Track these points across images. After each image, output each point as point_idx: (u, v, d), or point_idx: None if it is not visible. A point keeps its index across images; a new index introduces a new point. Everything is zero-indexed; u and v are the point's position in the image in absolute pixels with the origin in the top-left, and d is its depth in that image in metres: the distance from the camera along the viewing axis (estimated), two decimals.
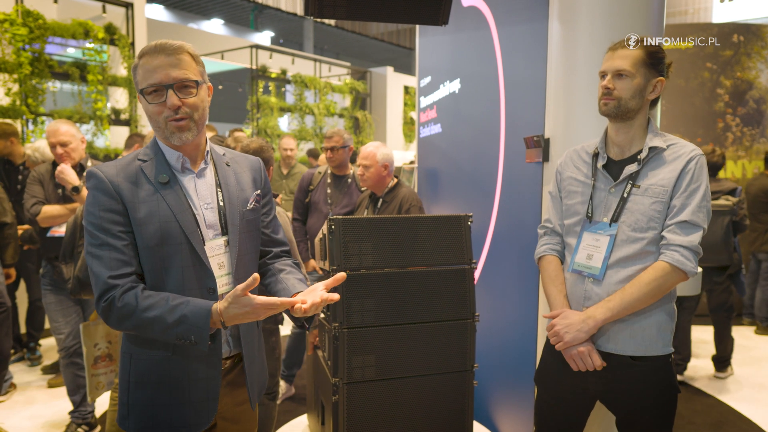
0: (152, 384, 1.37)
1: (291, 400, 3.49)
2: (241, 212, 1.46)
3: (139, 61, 1.33)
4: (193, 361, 1.37)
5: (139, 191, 1.33)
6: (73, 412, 2.96)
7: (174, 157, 1.39)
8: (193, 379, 1.37)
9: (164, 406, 1.37)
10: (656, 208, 1.54)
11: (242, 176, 1.51)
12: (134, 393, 1.39)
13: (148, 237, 1.32)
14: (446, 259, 2.17)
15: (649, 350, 1.56)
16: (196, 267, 1.35)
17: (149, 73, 1.31)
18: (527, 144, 2.30)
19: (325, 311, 2.18)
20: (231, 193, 1.45)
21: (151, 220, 1.32)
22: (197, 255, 1.34)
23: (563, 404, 1.70)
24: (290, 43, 19.00)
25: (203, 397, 1.38)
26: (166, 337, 1.29)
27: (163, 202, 1.33)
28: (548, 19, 2.15)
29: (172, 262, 1.33)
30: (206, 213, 1.40)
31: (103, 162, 1.42)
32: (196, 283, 1.35)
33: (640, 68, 1.55)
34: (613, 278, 1.57)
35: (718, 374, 3.90)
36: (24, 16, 5.35)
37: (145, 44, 5.82)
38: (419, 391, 2.15)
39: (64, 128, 2.88)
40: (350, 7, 2.14)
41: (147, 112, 1.35)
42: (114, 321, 1.30)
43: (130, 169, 1.35)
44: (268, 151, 2.33)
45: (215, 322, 1.28)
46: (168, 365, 1.36)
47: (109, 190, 1.32)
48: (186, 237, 1.33)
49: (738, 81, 5.33)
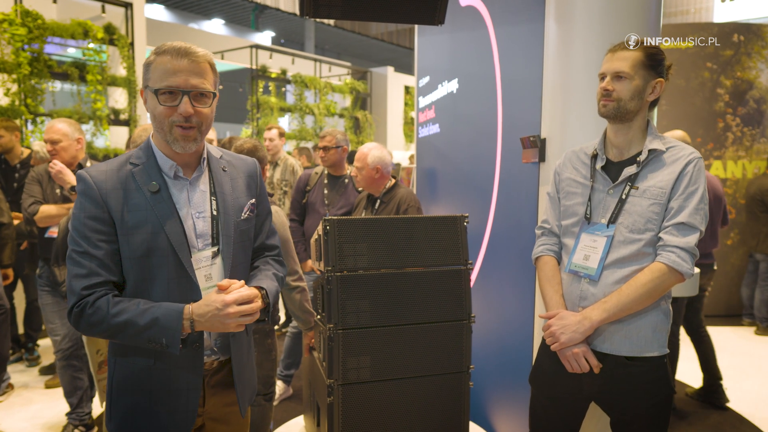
0: (133, 391, 1.36)
1: (289, 401, 3.48)
2: (236, 222, 1.42)
3: (157, 58, 1.29)
4: (174, 369, 1.35)
5: (128, 199, 1.30)
6: (70, 414, 2.95)
7: (167, 164, 1.35)
8: (174, 389, 1.36)
9: (144, 414, 1.36)
10: (654, 210, 1.53)
11: (238, 182, 1.47)
12: (116, 398, 1.38)
13: (134, 247, 1.29)
14: (442, 260, 2.16)
15: (644, 351, 1.55)
16: (181, 280, 1.32)
17: (169, 74, 1.27)
18: (524, 144, 2.29)
19: (320, 312, 2.17)
20: (226, 202, 1.42)
21: (138, 230, 1.29)
22: (183, 268, 1.32)
23: (558, 405, 1.69)
24: (291, 43, 19.01)
25: (183, 407, 1.37)
26: (137, 342, 1.27)
27: (152, 212, 1.30)
28: (545, 19, 2.14)
29: (158, 273, 1.31)
30: (197, 222, 1.37)
31: (101, 162, 1.39)
32: (180, 297, 1.32)
33: (639, 70, 1.55)
34: (609, 279, 1.56)
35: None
36: (23, 16, 5.35)
37: (144, 44, 5.78)
38: (415, 392, 2.14)
39: (57, 126, 2.88)
40: (345, 7, 2.13)
41: (153, 112, 1.31)
42: (84, 326, 1.28)
43: (121, 174, 1.32)
44: (262, 151, 2.33)
45: (185, 325, 1.27)
46: (149, 373, 1.35)
47: (95, 197, 1.29)
48: (173, 249, 1.30)
49: (738, 81, 5.31)
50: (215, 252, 1.38)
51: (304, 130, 9.70)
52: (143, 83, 1.34)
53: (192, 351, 1.36)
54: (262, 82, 9.32)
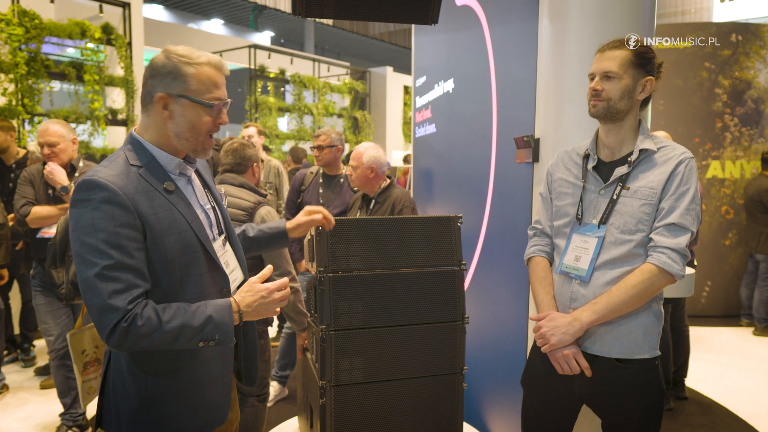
0: (173, 392, 1.33)
1: (284, 402, 3.47)
2: (225, 209, 1.53)
3: (198, 69, 1.29)
4: (205, 364, 1.37)
5: (152, 202, 1.27)
6: (64, 415, 2.94)
7: (173, 163, 1.35)
8: (213, 378, 1.38)
9: (176, 417, 1.34)
10: (645, 211, 1.52)
11: (206, 174, 1.55)
12: (140, 412, 1.32)
13: (168, 249, 1.27)
14: (435, 261, 2.15)
15: (634, 353, 1.54)
16: (212, 272, 1.36)
17: (218, 86, 1.32)
18: (518, 144, 2.27)
19: (312, 312, 2.16)
20: (214, 193, 1.51)
21: (170, 232, 1.28)
22: (212, 260, 1.36)
23: (549, 407, 1.68)
24: (291, 44, 19.01)
25: (218, 399, 1.40)
26: (189, 344, 1.26)
27: (176, 211, 1.30)
28: (539, 18, 2.13)
29: (191, 270, 1.32)
30: (209, 213, 1.43)
31: (98, 163, 1.38)
32: (214, 287, 1.36)
33: (627, 69, 1.54)
34: (600, 280, 1.55)
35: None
36: (20, 16, 5.34)
37: (142, 44, 5.79)
38: (408, 394, 2.12)
39: (53, 128, 2.86)
40: (338, 6, 2.12)
41: (191, 122, 1.30)
42: (132, 341, 1.20)
43: (133, 178, 1.27)
44: (251, 149, 2.32)
45: (235, 318, 1.30)
46: (180, 375, 1.34)
47: (124, 204, 1.21)
48: (201, 244, 1.33)
49: (736, 81, 5.29)
50: (224, 240, 1.46)
51: (303, 130, 9.70)
52: (168, 90, 1.29)
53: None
54: (260, 82, 9.31)
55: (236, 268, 1.50)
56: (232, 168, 2.41)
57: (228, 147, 2.29)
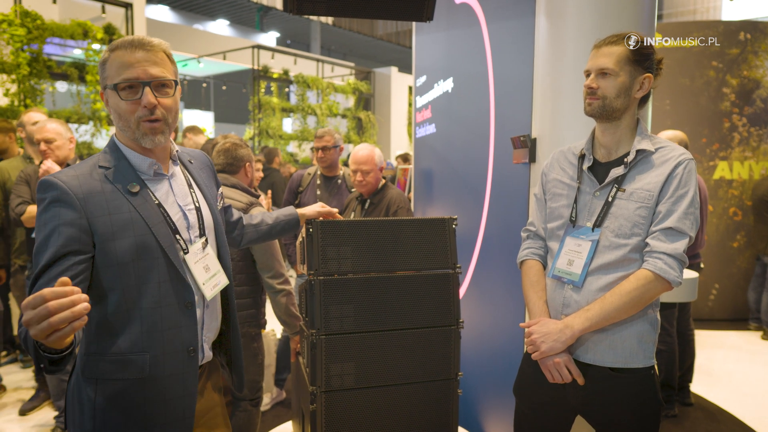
0: (122, 408, 1.28)
1: (281, 405, 3.43)
2: (217, 209, 1.47)
3: (111, 55, 1.26)
4: (169, 379, 1.29)
5: (108, 203, 1.23)
6: (58, 417, 2.92)
7: (145, 163, 1.31)
8: (169, 398, 1.30)
9: (137, 429, 1.29)
10: (641, 214, 1.46)
11: (203, 173, 1.50)
12: (100, 419, 1.27)
13: (120, 253, 1.23)
14: (430, 264, 2.10)
15: (629, 362, 1.47)
16: (173, 281, 1.29)
17: (125, 67, 1.23)
18: (514, 144, 2.22)
19: (303, 317, 2.12)
20: (205, 193, 1.44)
21: (124, 234, 1.23)
22: (175, 268, 1.28)
23: (541, 417, 1.63)
24: (297, 44, 19.02)
25: (179, 416, 1.31)
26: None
27: (135, 213, 1.25)
28: (535, 15, 2.07)
29: (149, 277, 1.25)
30: (188, 215, 1.36)
31: (68, 168, 1.34)
32: (174, 297, 1.29)
33: (624, 66, 1.48)
34: (594, 285, 1.49)
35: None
36: (22, 17, 5.35)
37: None
38: (401, 400, 2.07)
39: (50, 126, 2.85)
40: (330, 3, 2.07)
41: (117, 111, 1.27)
42: None
43: (93, 178, 1.25)
44: (245, 149, 2.28)
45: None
46: (141, 387, 1.27)
47: (73, 203, 1.20)
48: (163, 250, 1.27)
49: (745, 80, 5.19)
50: (204, 243, 1.39)
51: (306, 131, 9.67)
52: (101, 84, 1.29)
53: (186, 355, 1.32)
54: (264, 82, 9.30)
55: (219, 272, 1.43)
56: (224, 168, 2.37)
57: (220, 147, 2.25)
